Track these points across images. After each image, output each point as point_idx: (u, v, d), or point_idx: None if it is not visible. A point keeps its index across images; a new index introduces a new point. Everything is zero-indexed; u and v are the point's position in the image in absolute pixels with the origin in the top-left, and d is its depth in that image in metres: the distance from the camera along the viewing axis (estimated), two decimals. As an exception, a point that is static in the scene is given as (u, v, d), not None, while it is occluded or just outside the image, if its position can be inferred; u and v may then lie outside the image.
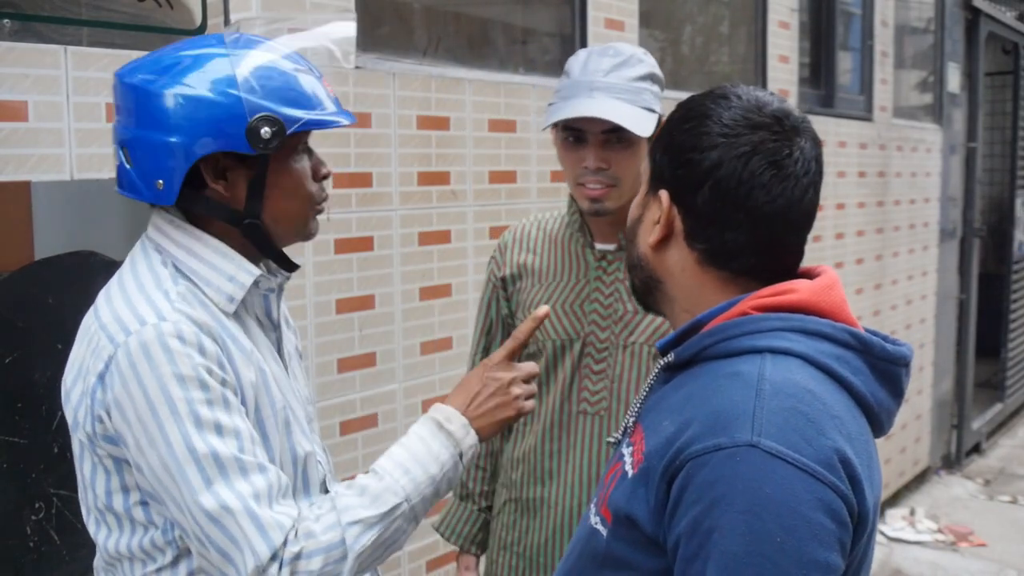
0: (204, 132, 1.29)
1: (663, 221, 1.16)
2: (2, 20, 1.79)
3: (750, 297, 1.12)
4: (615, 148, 1.77)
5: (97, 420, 1.28)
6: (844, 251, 4.72)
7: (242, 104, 1.30)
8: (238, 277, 1.36)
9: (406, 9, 2.76)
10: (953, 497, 5.76)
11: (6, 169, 1.72)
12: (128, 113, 1.33)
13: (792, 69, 4.26)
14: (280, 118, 1.31)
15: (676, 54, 3.94)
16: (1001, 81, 7.42)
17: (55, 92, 1.78)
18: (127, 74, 1.34)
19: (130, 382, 1.24)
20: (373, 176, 2.36)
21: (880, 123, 5.12)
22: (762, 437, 0.99)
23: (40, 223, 1.92)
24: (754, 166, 1.11)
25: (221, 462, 1.24)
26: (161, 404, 1.23)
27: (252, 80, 1.31)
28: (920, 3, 5.87)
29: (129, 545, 1.33)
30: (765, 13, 4.08)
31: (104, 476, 1.32)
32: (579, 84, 1.76)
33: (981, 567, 4.73)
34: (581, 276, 1.90)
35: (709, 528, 0.97)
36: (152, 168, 1.31)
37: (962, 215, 6.47)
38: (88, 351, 1.30)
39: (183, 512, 1.25)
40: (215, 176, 1.33)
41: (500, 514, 2.01)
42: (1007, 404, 7.15)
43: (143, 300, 1.29)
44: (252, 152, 1.31)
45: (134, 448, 1.25)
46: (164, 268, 1.34)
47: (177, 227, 1.36)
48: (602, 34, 3.08)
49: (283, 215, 1.38)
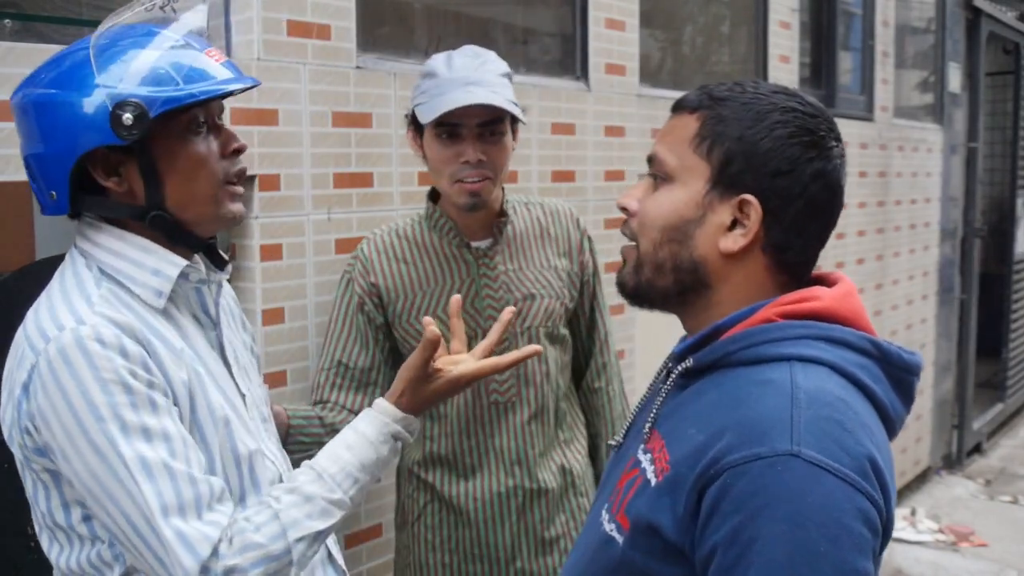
0: (70, 133, 1.25)
1: (751, 231, 1.11)
2: (3, 20, 1.79)
3: (772, 304, 1.11)
4: (489, 140, 1.86)
5: (25, 433, 1.24)
6: (845, 251, 4.72)
7: (103, 96, 1.24)
8: (163, 270, 1.32)
9: (407, 9, 2.76)
10: (954, 497, 5.76)
11: (7, 169, 1.71)
12: (19, 130, 1.31)
13: (793, 69, 4.26)
14: (140, 101, 1.24)
15: (677, 54, 3.94)
16: (1002, 81, 7.42)
17: (56, 92, 1.78)
18: (15, 93, 1.31)
19: (51, 390, 1.19)
20: (374, 176, 2.37)
21: (881, 123, 5.12)
22: (802, 446, 0.98)
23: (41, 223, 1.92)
24: (840, 178, 1.13)
25: (149, 468, 1.20)
26: (84, 410, 1.19)
27: (113, 70, 1.25)
28: (921, 3, 5.87)
29: (79, 560, 1.30)
30: (766, 13, 4.08)
31: (44, 492, 1.29)
32: (451, 81, 1.82)
33: (982, 567, 4.72)
34: (464, 275, 1.96)
35: (750, 538, 0.97)
36: (44, 182, 1.29)
37: (963, 215, 6.47)
38: (15, 363, 1.26)
39: (114, 521, 1.22)
40: (106, 174, 1.29)
41: (422, 517, 2.03)
42: (1008, 404, 7.14)
43: (64, 306, 1.25)
44: (120, 142, 1.25)
45: (61, 458, 1.21)
46: (88, 271, 1.30)
47: (99, 230, 1.33)
48: (603, 34, 3.08)
49: (188, 200, 1.32)
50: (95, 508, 1.23)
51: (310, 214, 2.21)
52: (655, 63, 3.71)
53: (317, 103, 2.21)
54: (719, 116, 1.13)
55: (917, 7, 5.84)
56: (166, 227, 1.32)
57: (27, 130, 1.29)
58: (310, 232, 2.21)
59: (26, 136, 1.30)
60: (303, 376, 2.21)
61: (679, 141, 1.16)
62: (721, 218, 1.13)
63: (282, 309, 2.17)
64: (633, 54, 3.22)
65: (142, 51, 1.27)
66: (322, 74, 2.21)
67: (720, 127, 1.13)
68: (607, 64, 3.11)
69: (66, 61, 1.28)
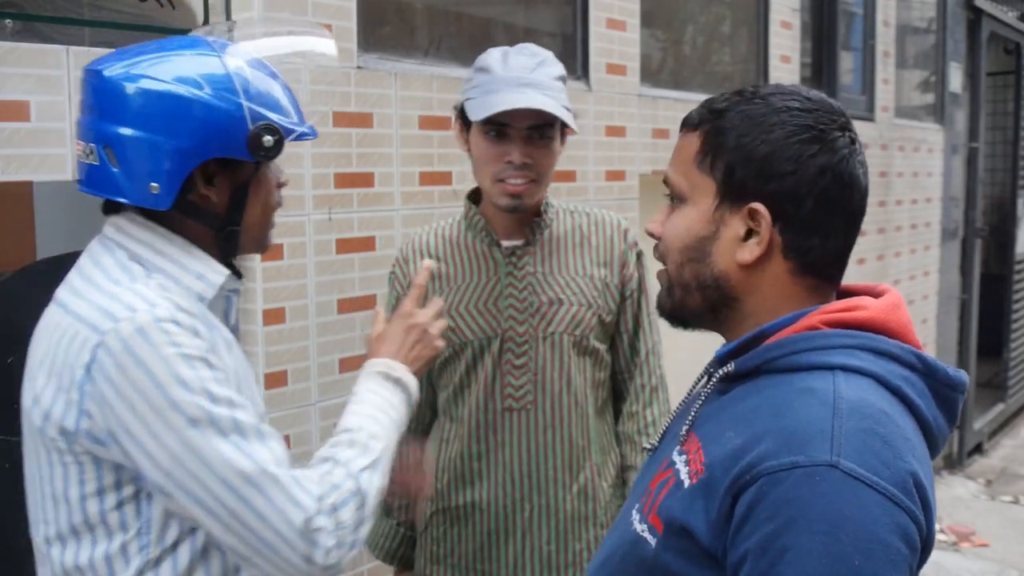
0: (209, 137, 1.26)
1: (764, 238, 1.10)
2: (4, 20, 1.79)
3: (818, 311, 1.09)
4: (537, 144, 1.80)
5: (84, 415, 1.21)
6: (846, 251, 4.72)
7: (244, 111, 1.28)
8: (207, 275, 1.33)
9: (408, 9, 2.76)
10: (955, 497, 5.76)
11: (8, 169, 1.72)
12: (114, 112, 1.26)
13: (794, 69, 4.26)
14: (279, 127, 1.30)
15: (678, 54, 3.94)
16: (1003, 81, 7.42)
17: (57, 92, 1.78)
18: (111, 71, 1.27)
19: (129, 367, 1.19)
20: (375, 176, 2.37)
21: (882, 123, 5.12)
22: (842, 458, 0.96)
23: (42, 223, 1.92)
24: (852, 167, 1.10)
25: (244, 429, 1.23)
26: (171, 384, 1.19)
27: (248, 86, 1.29)
28: (922, 3, 5.87)
29: (92, 556, 1.27)
30: (767, 13, 4.08)
31: (78, 478, 1.26)
32: (505, 80, 1.77)
33: (983, 567, 4.72)
34: (491, 274, 1.90)
35: (783, 547, 0.95)
36: (146, 170, 1.26)
37: (964, 215, 6.47)
38: (61, 346, 1.24)
39: (207, 491, 1.21)
40: (205, 181, 1.31)
41: (428, 528, 1.97)
42: (1009, 404, 7.14)
43: (125, 291, 1.24)
44: (251, 160, 1.30)
45: (142, 437, 1.20)
46: (133, 264, 1.30)
47: (140, 225, 1.32)
48: (604, 34, 3.08)
49: (255, 223, 1.38)
50: (180, 480, 1.21)
51: (311, 214, 2.21)
52: (656, 63, 3.71)
53: (318, 103, 2.21)
54: (718, 129, 1.12)
55: (918, 7, 5.84)
56: (233, 243, 1.37)
57: (148, 118, 1.25)
58: (311, 232, 2.21)
59: (141, 122, 1.26)
60: (304, 376, 2.21)
61: (685, 160, 1.16)
62: (734, 231, 1.12)
63: (283, 309, 2.17)
64: (634, 54, 3.22)
65: (263, 75, 1.34)
66: (323, 74, 2.21)
67: (719, 140, 1.12)
68: (608, 64, 3.11)
69: (191, 62, 1.29)
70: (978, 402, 6.65)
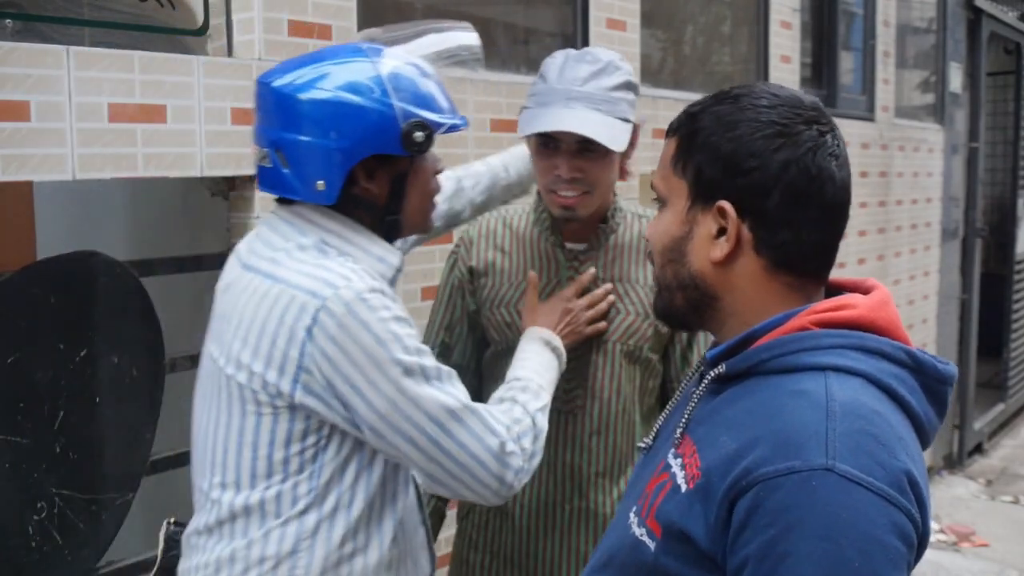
0: (365, 137, 1.42)
1: (731, 234, 1.12)
2: (4, 20, 1.80)
3: (807, 311, 1.10)
4: (589, 157, 1.76)
5: (304, 372, 1.37)
6: (846, 251, 4.72)
7: (395, 111, 1.43)
8: (387, 259, 1.50)
9: (408, 9, 2.76)
10: (955, 497, 5.75)
11: (8, 169, 1.72)
12: (283, 119, 1.43)
13: (794, 69, 4.26)
14: (428, 123, 1.44)
15: (678, 54, 3.94)
16: (1003, 81, 7.42)
17: (57, 92, 1.78)
18: (279, 82, 1.44)
19: (351, 326, 1.36)
20: (375, 176, 2.37)
21: (882, 123, 5.12)
22: (837, 461, 0.97)
23: (42, 223, 1.93)
24: (820, 159, 1.10)
25: (442, 374, 1.45)
26: (389, 340, 1.38)
27: (399, 87, 1.44)
28: (922, 3, 5.87)
29: (262, 498, 1.43)
30: (767, 13, 4.08)
31: (271, 426, 1.41)
32: (556, 92, 1.75)
33: (983, 567, 4.72)
34: (552, 275, 1.89)
35: (783, 553, 0.96)
36: (312, 170, 1.42)
37: (964, 215, 6.47)
38: (275, 312, 1.38)
39: (417, 428, 1.41)
40: (367, 176, 1.46)
41: (470, 513, 1.99)
42: (1009, 404, 7.14)
43: (333, 266, 1.41)
44: (406, 154, 1.45)
45: (363, 387, 1.38)
46: (325, 246, 1.45)
47: (324, 214, 1.47)
48: (604, 34, 3.08)
49: (415, 210, 1.54)
50: (392, 420, 1.40)
51: (311, 214, 2.21)
52: (656, 63, 3.71)
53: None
54: (691, 132, 1.16)
55: (918, 7, 5.84)
56: (395, 230, 1.53)
57: (310, 123, 1.41)
58: (311, 232, 2.21)
59: (305, 128, 1.42)
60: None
61: (665, 165, 1.20)
62: (707, 229, 1.14)
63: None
64: (634, 54, 3.22)
65: (414, 75, 1.47)
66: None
67: (690, 142, 1.15)
68: (608, 64, 3.11)
69: (346, 70, 1.44)
70: (978, 402, 6.65)
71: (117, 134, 1.86)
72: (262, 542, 1.43)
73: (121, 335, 1.96)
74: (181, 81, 1.95)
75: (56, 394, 1.85)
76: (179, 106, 1.94)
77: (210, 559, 1.45)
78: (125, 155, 1.87)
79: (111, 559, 1.99)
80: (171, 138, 1.94)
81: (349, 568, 1.46)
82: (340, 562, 1.45)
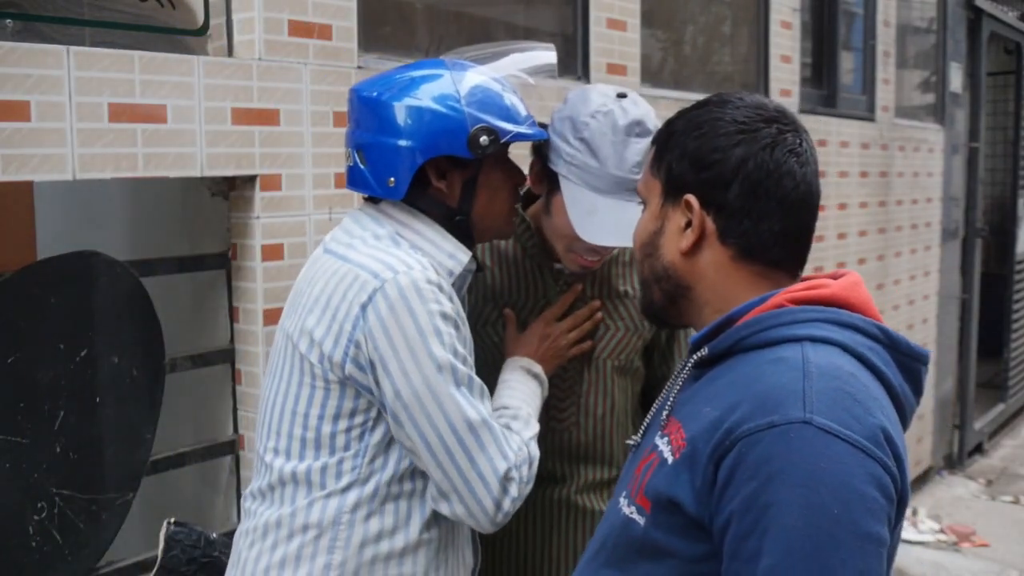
0: (433, 139, 1.52)
1: (695, 224, 1.20)
2: (5, 20, 1.79)
3: (783, 292, 1.17)
4: None
5: (354, 345, 1.45)
6: (846, 251, 4.72)
7: (465, 116, 1.53)
8: (457, 255, 1.58)
9: (408, 9, 2.76)
10: (955, 497, 5.75)
11: (8, 169, 1.72)
12: (365, 122, 1.57)
13: (794, 69, 4.26)
14: (495, 129, 1.53)
15: (678, 54, 3.94)
16: (1003, 81, 7.41)
17: (58, 92, 1.78)
18: (364, 90, 1.58)
19: (399, 311, 1.43)
20: (375, 176, 2.37)
21: (882, 123, 5.11)
22: (814, 414, 1.02)
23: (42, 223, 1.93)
24: (779, 155, 1.17)
25: (473, 385, 1.49)
26: (430, 333, 1.44)
27: (471, 96, 1.54)
28: (922, 3, 5.87)
29: (309, 468, 1.50)
30: (767, 13, 4.08)
31: (321, 400, 1.50)
32: (613, 180, 1.65)
33: (983, 567, 4.72)
34: (540, 296, 1.87)
35: (765, 503, 1.00)
36: (384, 168, 1.54)
37: (964, 215, 6.46)
38: (340, 288, 1.48)
39: (433, 427, 1.44)
40: (438, 176, 1.56)
41: None
42: (1009, 404, 7.14)
43: (402, 254, 1.50)
44: (471, 157, 1.53)
45: (393, 370, 1.44)
46: (399, 238, 1.55)
47: (403, 209, 1.58)
48: (604, 34, 3.08)
49: (488, 213, 1.62)
50: (413, 413, 1.45)
51: (311, 214, 2.21)
52: (656, 63, 3.71)
53: (319, 103, 2.21)
54: (667, 135, 1.26)
55: (918, 7, 5.83)
56: (464, 229, 1.61)
57: (386, 125, 1.54)
58: (311, 232, 2.21)
59: (381, 129, 1.54)
60: (304, 376, 2.21)
61: (645, 170, 1.30)
62: (676, 223, 1.22)
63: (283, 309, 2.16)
64: (634, 54, 3.22)
65: (490, 87, 1.58)
66: (323, 74, 2.21)
67: (664, 145, 1.26)
68: (608, 64, 3.11)
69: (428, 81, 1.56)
70: (978, 402, 6.65)
71: (117, 134, 1.86)
72: (306, 511, 1.50)
73: (121, 335, 1.96)
74: (181, 81, 1.95)
75: (56, 394, 1.85)
76: (179, 106, 1.94)
77: (259, 523, 1.55)
78: (125, 155, 1.87)
79: (111, 559, 1.99)
80: (171, 138, 1.94)
81: (390, 545, 1.52)
82: (380, 538, 1.51)
